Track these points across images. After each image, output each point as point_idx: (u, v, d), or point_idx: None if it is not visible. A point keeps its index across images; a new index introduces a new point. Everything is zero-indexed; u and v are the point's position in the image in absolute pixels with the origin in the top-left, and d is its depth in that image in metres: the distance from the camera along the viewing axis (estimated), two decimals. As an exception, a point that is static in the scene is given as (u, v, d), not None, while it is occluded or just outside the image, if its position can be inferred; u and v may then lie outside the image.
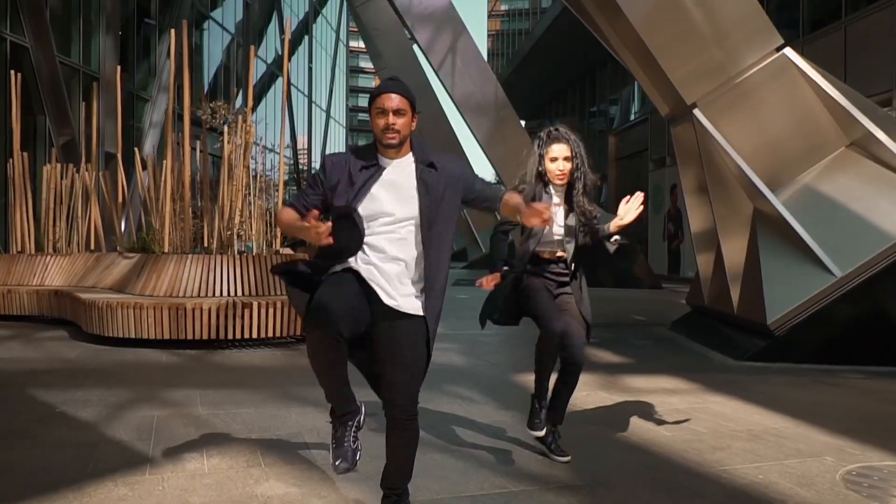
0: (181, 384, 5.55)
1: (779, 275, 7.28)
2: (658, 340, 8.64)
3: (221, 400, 4.99)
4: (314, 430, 4.24)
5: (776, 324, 7.00)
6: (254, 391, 5.32)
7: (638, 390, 5.63)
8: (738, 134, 7.86)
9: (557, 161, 3.73)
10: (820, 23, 15.78)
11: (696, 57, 7.92)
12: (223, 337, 7.13)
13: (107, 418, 4.45)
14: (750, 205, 7.99)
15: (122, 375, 5.87)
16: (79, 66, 18.66)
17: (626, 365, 6.88)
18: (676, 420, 4.65)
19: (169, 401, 4.96)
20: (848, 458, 3.90)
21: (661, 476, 3.57)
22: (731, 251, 8.11)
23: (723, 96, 7.90)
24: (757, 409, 5.02)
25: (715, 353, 7.60)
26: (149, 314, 7.06)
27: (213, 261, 7.91)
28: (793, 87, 7.81)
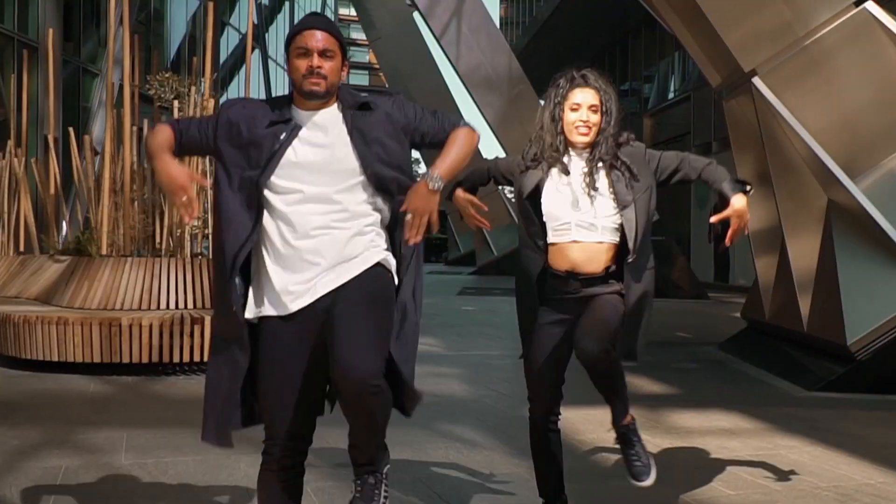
0: (106, 422, 5.12)
1: (861, 284, 6.85)
2: (707, 363, 8.23)
3: (154, 444, 4.56)
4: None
5: (858, 345, 6.57)
6: (198, 431, 4.87)
7: (688, 431, 5.18)
8: (807, 107, 7.42)
9: (580, 110, 3.00)
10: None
11: (755, 13, 7.50)
12: (167, 360, 6.74)
13: (1, 469, 4.01)
14: (823, 197, 7.54)
15: (33, 410, 5.47)
16: (12, 33, 18.38)
17: (669, 396, 6.45)
18: (740, 473, 4.20)
19: (85, 445, 4.52)
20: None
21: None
22: (800, 254, 7.67)
23: (789, 61, 7.48)
24: (843, 458, 4.57)
25: (779, 381, 7.18)
26: (76, 332, 6.66)
27: (159, 265, 7.53)
28: (876, 49, 7.38)
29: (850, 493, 3.91)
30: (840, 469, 4.35)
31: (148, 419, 5.25)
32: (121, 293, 7.40)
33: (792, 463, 4.43)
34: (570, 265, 2.97)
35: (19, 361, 7.01)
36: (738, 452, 4.65)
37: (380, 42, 27.45)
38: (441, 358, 3.59)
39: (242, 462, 4.23)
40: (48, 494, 3.65)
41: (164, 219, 8.40)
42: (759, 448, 4.77)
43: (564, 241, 2.97)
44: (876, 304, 6.66)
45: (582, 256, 2.96)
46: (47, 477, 3.90)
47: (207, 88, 8.79)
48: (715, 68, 8.51)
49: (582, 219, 2.96)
